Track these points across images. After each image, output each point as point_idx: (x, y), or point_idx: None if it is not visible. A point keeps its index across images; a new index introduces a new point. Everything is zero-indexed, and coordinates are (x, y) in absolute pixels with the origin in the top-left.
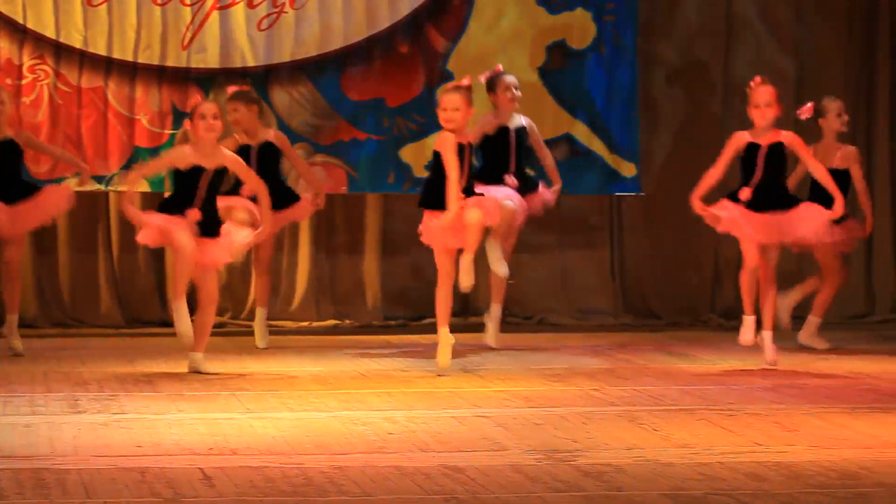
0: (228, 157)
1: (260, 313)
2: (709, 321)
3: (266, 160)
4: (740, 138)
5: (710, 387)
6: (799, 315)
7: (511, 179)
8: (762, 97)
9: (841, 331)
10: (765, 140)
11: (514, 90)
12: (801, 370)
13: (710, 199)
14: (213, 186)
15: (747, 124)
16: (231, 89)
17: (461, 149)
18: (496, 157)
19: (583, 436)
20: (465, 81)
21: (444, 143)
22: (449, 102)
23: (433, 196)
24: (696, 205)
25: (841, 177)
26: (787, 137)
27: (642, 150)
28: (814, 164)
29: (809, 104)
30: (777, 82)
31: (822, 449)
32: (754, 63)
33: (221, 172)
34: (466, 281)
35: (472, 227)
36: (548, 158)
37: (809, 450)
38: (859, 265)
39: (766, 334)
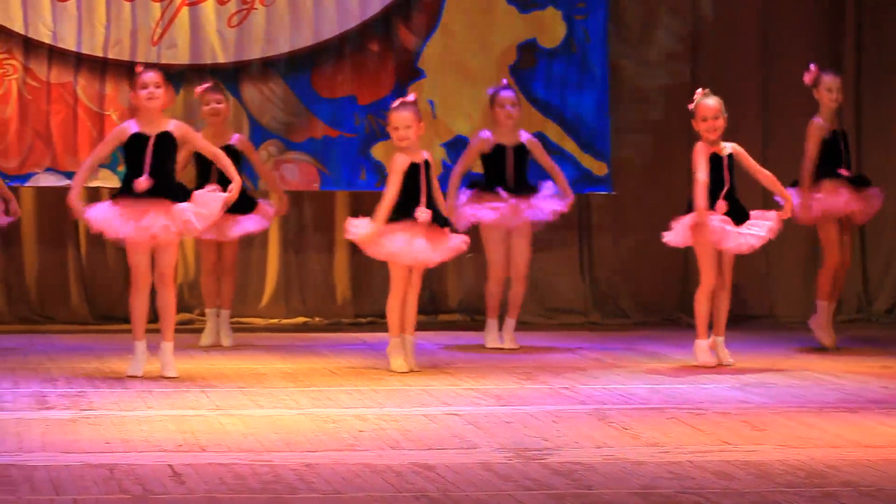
0: (173, 124)
1: (225, 314)
2: (678, 320)
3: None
4: (706, 150)
5: (679, 386)
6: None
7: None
8: (709, 111)
9: (809, 331)
10: (723, 151)
11: (509, 107)
12: (769, 369)
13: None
14: (160, 152)
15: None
16: (206, 85)
17: (415, 168)
18: (494, 175)
19: (553, 434)
20: (412, 96)
21: (394, 164)
22: (400, 120)
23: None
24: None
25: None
26: (736, 148)
27: (613, 149)
28: (760, 169)
29: (813, 68)
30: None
31: (790, 448)
32: (723, 61)
33: (165, 137)
34: None
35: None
36: (554, 171)
37: (778, 449)
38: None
39: (720, 340)
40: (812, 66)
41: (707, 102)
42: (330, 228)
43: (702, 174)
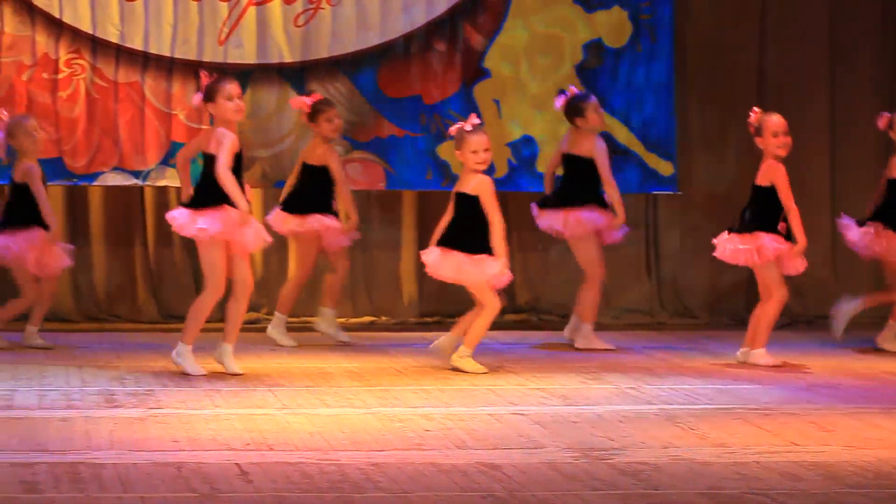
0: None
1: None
2: (745, 320)
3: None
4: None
5: (746, 386)
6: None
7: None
8: (780, 126)
9: (875, 332)
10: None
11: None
12: (837, 370)
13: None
14: (239, 165)
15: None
16: (316, 96)
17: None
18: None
19: (620, 434)
20: (477, 120)
21: (487, 188)
22: (479, 144)
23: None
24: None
25: None
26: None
27: (679, 149)
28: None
29: (886, 115)
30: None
31: (858, 449)
32: (790, 61)
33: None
34: None
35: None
36: (608, 188)
37: (845, 450)
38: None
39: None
40: (884, 115)
41: (774, 118)
42: (396, 228)
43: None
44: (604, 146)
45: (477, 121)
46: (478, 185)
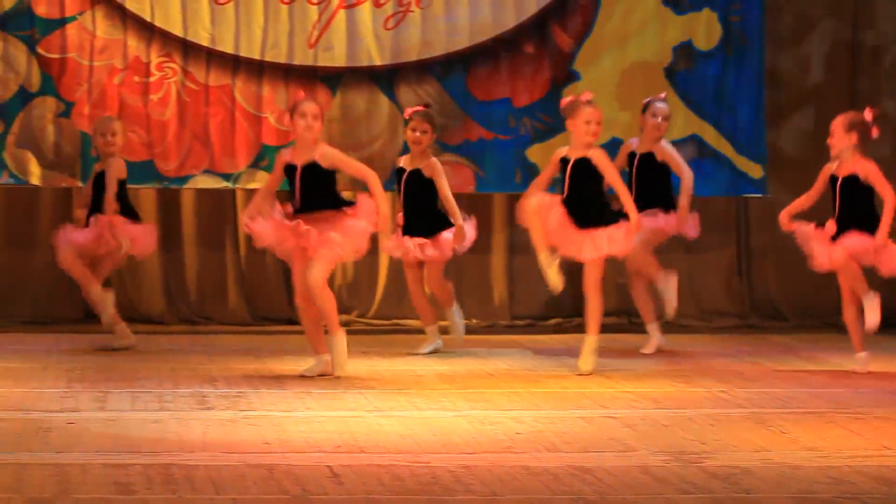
0: (321, 152)
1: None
2: (837, 324)
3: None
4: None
5: (838, 390)
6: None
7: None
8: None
9: None
10: (841, 171)
11: (661, 119)
12: None
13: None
14: (308, 182)
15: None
16: (415, 109)
17: None
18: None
19: (710, 437)
20: (591, 95)
21: (604, 158)
22: (594, 116)
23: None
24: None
25: None
26: (863, 168)
27: (769, 151)
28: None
29: None
30: None
31: None
32: (883, 63)
33: (311, 168)
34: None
35: None
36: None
37: None
38: None
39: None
40: None
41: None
42: (486, 230)
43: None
44: (673, 148)
45: (591, 95)
46: (600, 155)
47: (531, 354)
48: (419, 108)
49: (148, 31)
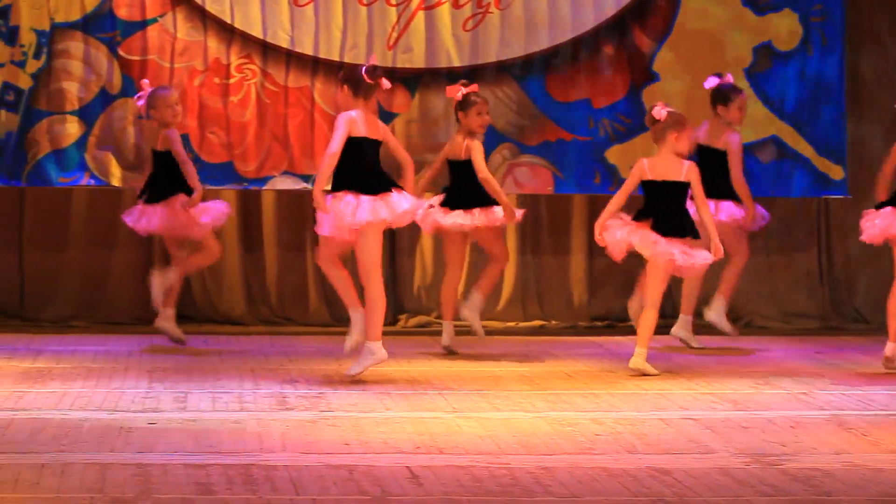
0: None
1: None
2: None
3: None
4: None
5: None
6: None
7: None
8: None
9: None
10: None
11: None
12: None
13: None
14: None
15: None
16: (473, 88)
17: None
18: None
19: (791, 440)
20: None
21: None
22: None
23: None
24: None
25: None
26: None
27: (850, 152)
28: None
29: None
30: None
31: None
32: None
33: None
34: None
35: None
36: (737, 184)
37: None
38: None
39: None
40: None
41: None
42: (565, 232)
43: None
44: (738, 140)
45: (672, 109)
46: (690, 171)
47: (610, 355)
48: (466, 90)
49: (228, 32)
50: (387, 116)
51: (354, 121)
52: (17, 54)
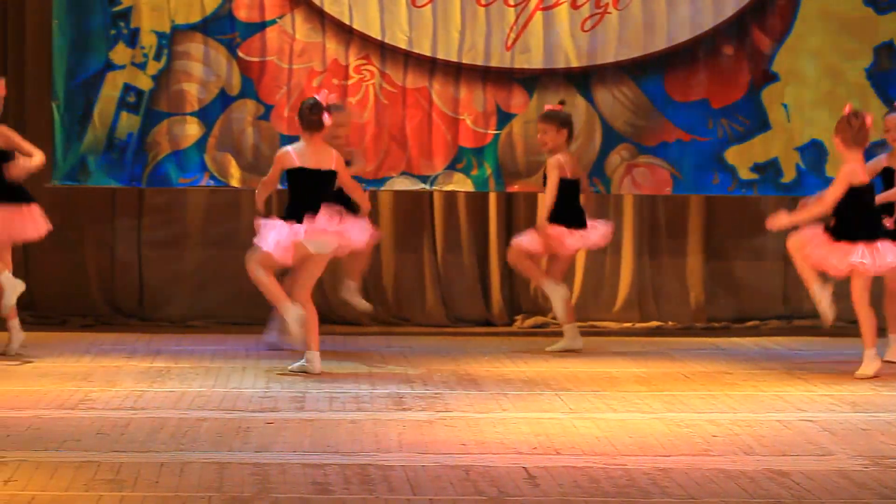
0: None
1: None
2: None
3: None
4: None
5: None
6: None
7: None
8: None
9: None
10: None
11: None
12: None
13: None
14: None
15: None
16: (546, 107)
17: None
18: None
19: None
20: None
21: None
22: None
23: None
24: None
25: None
26: None
27: None
28: None
29: None
30: None
31: None
32: None
33: None
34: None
35: None
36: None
37: None
38: None
39: None
40: None
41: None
42: (683, 233)
43: None
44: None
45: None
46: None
47: (727, 357)
48: (552, 107)
49: (346, 33)
50: (504, 117)
51: (287, 155)
52: (138, 56)
